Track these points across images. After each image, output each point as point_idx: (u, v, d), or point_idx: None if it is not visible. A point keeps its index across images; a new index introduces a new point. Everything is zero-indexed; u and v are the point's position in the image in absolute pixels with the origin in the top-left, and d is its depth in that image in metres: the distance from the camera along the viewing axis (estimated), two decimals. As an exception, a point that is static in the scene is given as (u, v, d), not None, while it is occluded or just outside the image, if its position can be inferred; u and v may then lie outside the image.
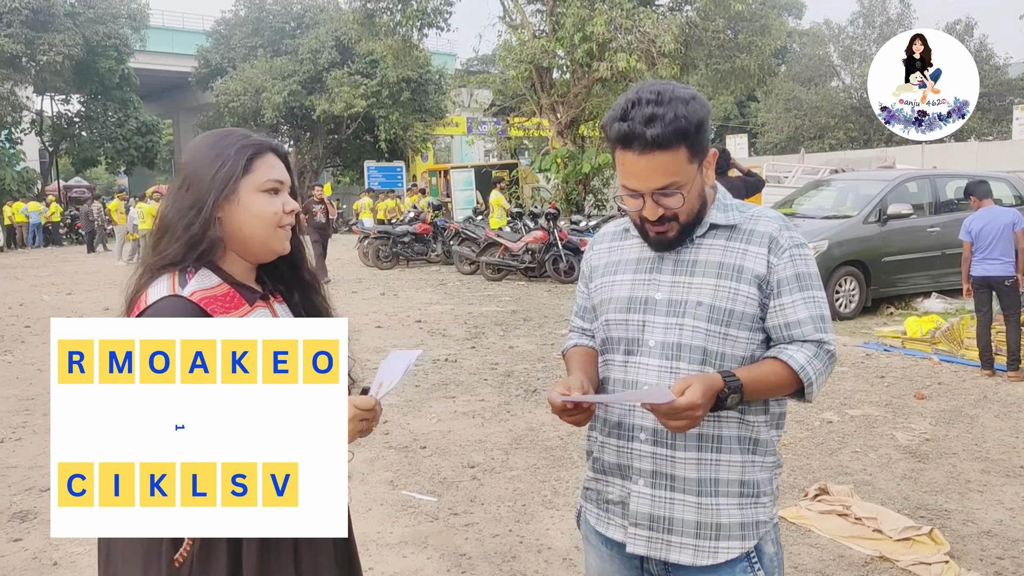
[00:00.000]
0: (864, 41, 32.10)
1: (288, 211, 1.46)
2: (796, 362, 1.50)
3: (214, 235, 1.39)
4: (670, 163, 1.45)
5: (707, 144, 1.51)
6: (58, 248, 24.87)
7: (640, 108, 1.44)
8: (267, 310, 1.48)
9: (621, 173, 1.51)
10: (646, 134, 1.42)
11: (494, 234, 13.64)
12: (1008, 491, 4.11)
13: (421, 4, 18.29)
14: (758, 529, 1.56)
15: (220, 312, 1.37)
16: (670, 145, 1.43)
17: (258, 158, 1.44)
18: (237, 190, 1.41)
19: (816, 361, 1.52)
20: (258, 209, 1.43)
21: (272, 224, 1.44)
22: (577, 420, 1.54)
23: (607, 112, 1.54)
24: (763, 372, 1.51)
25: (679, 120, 1.42)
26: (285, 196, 1.48)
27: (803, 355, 1.51)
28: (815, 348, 1.53)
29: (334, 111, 29.83)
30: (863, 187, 9.98)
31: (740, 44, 18.23)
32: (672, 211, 1.50)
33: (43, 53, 27.71)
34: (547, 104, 18.24)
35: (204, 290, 1.38)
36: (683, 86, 1.50)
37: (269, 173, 1.45)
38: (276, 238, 1.46)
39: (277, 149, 1.50)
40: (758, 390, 1.49)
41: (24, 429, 5.40)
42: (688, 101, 1.45)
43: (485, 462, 4.61)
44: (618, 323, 1.60)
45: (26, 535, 3.73)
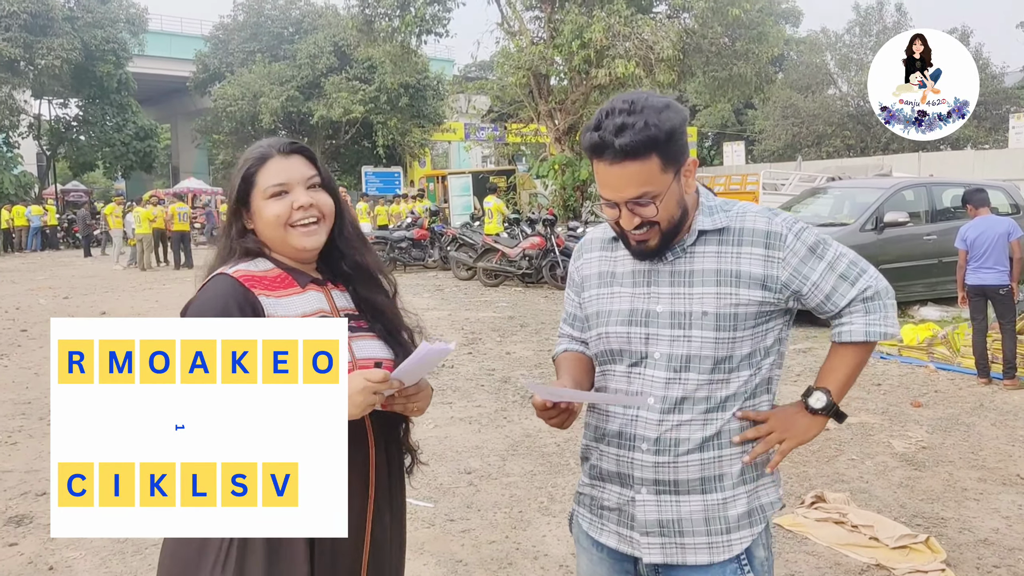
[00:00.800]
0: (861, 49, 32.24)
1: (297, 207, 1.50)
2: (858, 335, 1.57)
3: (248, 243, 1.53)
4: (642, 172, 1.44)
5: (682, 152, 1.49)
6: (55, 252, 24.83)
7: (612, 118, 1.43)
8: (321, 294, 1.55)
9: (597, 182, 1.51)
10: (615, 143, 1.42)
11: (491, 240, 13.65)
12: (1004, 499, 4.11)
13: (419, 10, 18.35)
14: (764, 512, 1.58)
15: (259, 288, 1.46)
16: (639, 154, 1.42)
17: (260, 167, 1.52)
18: (250, 202, 1.53)
19: (871, 316, 1.57)
20: (266, 214, 1.51)
21: (279, 225, 1.50)
22: (559, 421, 1.54)
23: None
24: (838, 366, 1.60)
25: (649, 129, 1.41)
26: (296, 193, 1.51)
27: (858, 324, 1.57)
28: (861, 305, 1.57)
29: (332, 116, 29.84)
30: (860, 195, 10.00)
31: (738, 51, 18.30)
32: (650, 219, 1.49)
33: (41, 57, 27.71)
34: (545, 110, 18.29)
35: (250, 272, 1.49)
36: (660, 95, 1.49)
37: (269, 179, 1.51)
38: (292, 236, 1.51)
39: (283, 150, 1.53)
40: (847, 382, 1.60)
41: (20, 433, 5.39)
42: (661, 110, 1.44)
43: (482, 468, 4.60)
44: (619, 336, 1.59)
45: (22, 539, 3.72)
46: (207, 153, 40.73)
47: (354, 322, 1.56)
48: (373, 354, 1.55)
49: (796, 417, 1.58)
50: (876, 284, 1.58)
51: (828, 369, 1.62)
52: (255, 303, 1.44)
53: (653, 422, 1.53)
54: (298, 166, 1.53)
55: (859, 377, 1.65)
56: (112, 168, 34.20)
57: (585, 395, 1.60)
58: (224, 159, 34.42)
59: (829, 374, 1.61)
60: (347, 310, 1.58)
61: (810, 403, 1.57)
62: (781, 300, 1.55)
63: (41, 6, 27.38)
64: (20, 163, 30.97)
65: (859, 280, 1.56)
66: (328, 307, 1.54)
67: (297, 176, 1.52)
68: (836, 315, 1.59)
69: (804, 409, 1.58)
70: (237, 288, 1.44)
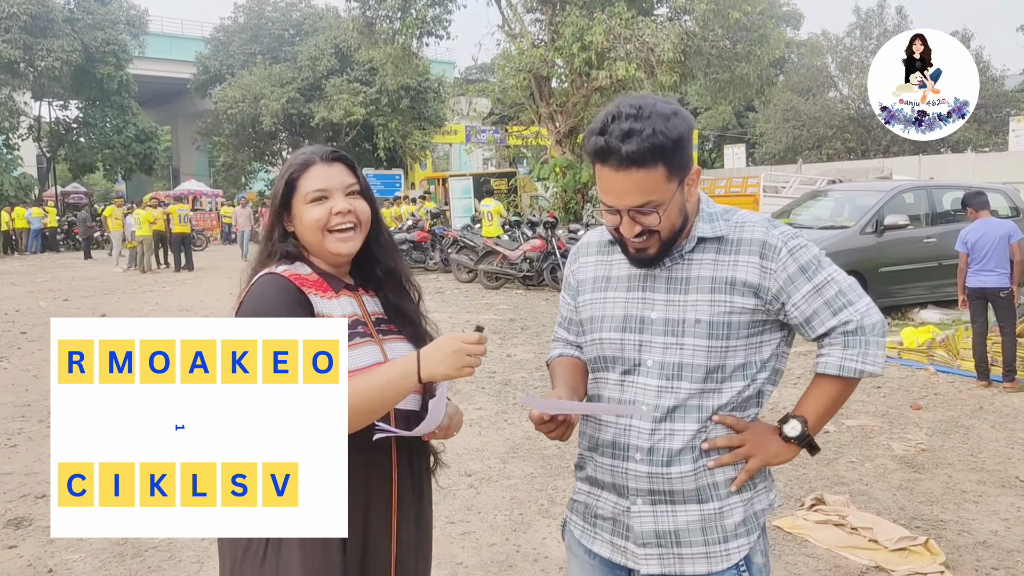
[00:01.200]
0: (861, 52, 32.26)
1: (335, 212, 1.56)
2: (831, 368, 1.53)
3: (289, 246, 1.59)
4: (647, 181, 1.41)
5: (688, 161, 1.46)
6: (55, 254, 24.84)
7: (619, 122, 1.39)
8: (353, 299, 1.61)
9: (599, 187, 1.48)
10: (622, 150, 1.38)
11: (492, 242, 13.65)
12: (1003, 502, 4.11)
13: (420, 12, 18.37)
14: (758, 519, 1.57)
15: (308, 287, 1.53)
16: (646, 162, 1.39)
17: (303, 173, 1.57)
18: (291, 207, 1.58)
19: (849, 350, 1.51)
20: (306, 219, 1.57)
21: (318, 229, 1.56)
22: (558, 434, 1.53)
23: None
24: (816, 396, 1.56)
25: (656, 136, 1.37)
26: (335, 200, 1.57)
27: (834, 357, 1.52)
28: (841, 338, 1.51)
29: (333, 118, 29.85)
30: (860, 198, 10.01)
31: (739, 54, 18.31)
32: (651, 228, 1.47)
33: (41, 59, 27.72)
34: (546, 113, 18.30)
35: (296, 272, 1.55)
36: (667, 100, 1.45)
37: (310, 185, 1.57)
38: (329, 242, 1.57)
39: (325, 157, 1.59)
40: (824, 415, 1.57)
41: (20, 436, 5.38)
42: (669, 117, 1.40)
43: (482, 471, 4.60)
44: (612, 342, 1.57)
45: (21, 542, 3.71)
46: (208, 155, 40.75)
47: (385, 326, 1.63)
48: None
49: (770, 439, 1.55)
50: (861, 319, 1.50)
51: (807, 398, 1.58)
52: (307, 301, 1.51)
53: (646, 432, 1.52)
54: (339, 174, 1.59)
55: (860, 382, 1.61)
56: (112, 170, 34.21)
57: (582, 406, 1.58)
58: (225, 161, 34.41)
59: (807, 403, 1.57)
60: (377, 315, 1.64)
61: (785, 431, 1.54)
62: (772, 311, 1.52)
63: (41, 8, 27.40)
64: (20, 165, 30.97)
65: (842, 311, 1.50)
66: (360, 312, 1.60)
67: (337, 183, 1.58)
68: (817, 340, 1.56)
69: (778, 434, 1.55)
70: (290, 285, 1.51)
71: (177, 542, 3.63)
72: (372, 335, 1.58)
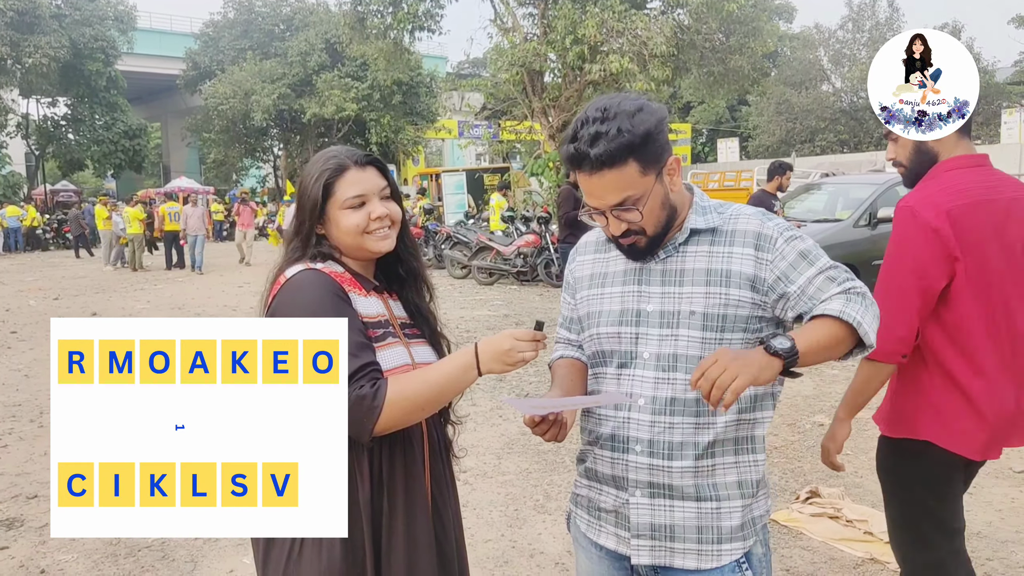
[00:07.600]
0: (854, 45, 32.35)
1: (374, 218, 1.59)
2: (832, 311, 1.43)
3: (323, 248, 1.61)
4: (621, 179, 1.43)
5: (661, 152, 1.46)
6: (44, 253, 24.67)
7: (587, 127, 1.43)
8: (380, 301, 1.64)
9: (583, 192, 1.52)
10: (590, 154, 1.41)
11: (486, 238, 13.64)
12: (997, 492, 4.13)
13: (412, 7, 18.28)
14: (755, 525, 1.58)
15: (345, 283, 1.56)
16: (615, 162, 1.41)
17: (337, 179, 1.59)
18: (326, 212, 1.60)
19: (851, 303, 1.44)
20: (344, 224, 1.59)
21: (357, 233, 1.59)
22: (552, 435, 1.51)
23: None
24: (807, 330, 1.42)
25: (623, 135, 1.40)
26: (372, 204, 1.60)
27: (836, 303, 1.44)
28: (843, 296, 1.45)
29: (324, 114, 29.77)
30: (853, 191, 10.04)
31: (732, 46, 18.32)
32: (635, 224, 1.49)
33: (28, 55, 27.55)
34: (539, 107, 18.26)
35: (332, 269, 1.58)
36: (634, 98, 1.46)
37: (348, 191, 1.58)
38: (368, 241, 1.60)
39: (359, 162, 1.61)
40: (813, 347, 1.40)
41: (11, 436, 5.36)
42: (633, 113, 1.42)
43: (477, 467, 4.60)
44: (610, 336, 1.59)
45: (13, 543, 3.70)
46: (198, 152, 40.59)
47: (409, 330, 1.68)
48: (429, 360, 1.65)
49: (752, 354, 1.37)
50: (864, 290, 1.48)
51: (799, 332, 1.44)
52: (346, 295, 1.53)
53: (645, 424, 1.53)
54: (372, 178, 1.62)
55: (852, 372, 1.59)
56: (102, 167, 34.07)
57: (567, 401, 1.56)
58: (215, 158, 34.26)
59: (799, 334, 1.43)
60: (402, 319, 1.69)
61: (772, 343, 1.37)
62: (768, 303, 1.51)
63: (28, 3, 27.21)
64: (8, 163, 30.81)
65: (847, 282, 1.48)
66: (387, 313, 1.64)
67: (372, 187, 1.60)
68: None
69: (763, 349, 1.39)
70: (331, 279, 1.53)
71: (170, 542, 3.62)
72: (399, 336, 1.62)
